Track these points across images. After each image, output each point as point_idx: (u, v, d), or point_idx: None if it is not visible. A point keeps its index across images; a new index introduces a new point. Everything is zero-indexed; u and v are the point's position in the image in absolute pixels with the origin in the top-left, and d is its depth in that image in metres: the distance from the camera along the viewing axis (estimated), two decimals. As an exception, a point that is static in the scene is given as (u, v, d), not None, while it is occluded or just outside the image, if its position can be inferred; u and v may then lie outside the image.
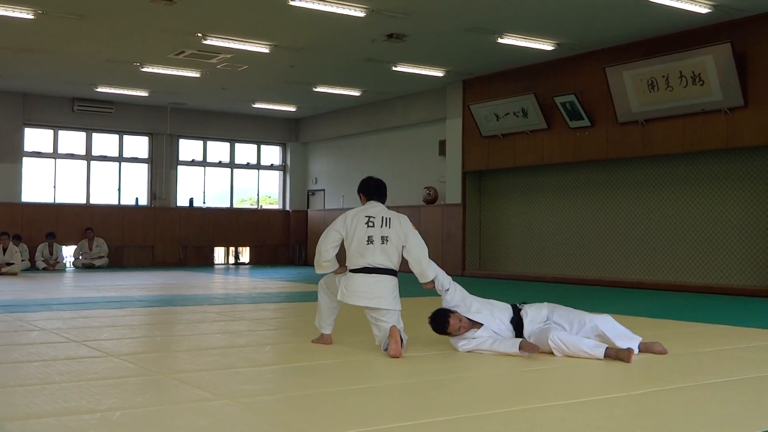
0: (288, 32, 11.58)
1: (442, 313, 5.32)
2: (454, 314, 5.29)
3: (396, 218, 5.51)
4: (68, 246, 17.27)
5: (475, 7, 10.28)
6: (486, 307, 5.40)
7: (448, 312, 5.31)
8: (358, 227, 5.40)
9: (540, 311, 5.37)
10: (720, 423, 3.45)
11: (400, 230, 5.45)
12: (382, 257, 5.38)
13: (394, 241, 5.42)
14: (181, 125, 18.71)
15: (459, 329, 5.26)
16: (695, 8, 10.06)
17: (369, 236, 5.37)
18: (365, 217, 5.43)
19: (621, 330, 5.21)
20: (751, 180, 11.00)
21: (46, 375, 4.40)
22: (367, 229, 5.39)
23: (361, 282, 5.35)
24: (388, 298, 5.37)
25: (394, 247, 5.42)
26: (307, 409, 3.67)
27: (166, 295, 10.37)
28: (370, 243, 5.37)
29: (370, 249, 5.36)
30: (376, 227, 5.39)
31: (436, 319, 5.34)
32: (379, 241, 5.37)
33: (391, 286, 5.43)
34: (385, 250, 5.39)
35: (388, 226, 5.42)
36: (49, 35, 11.82)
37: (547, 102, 13.10)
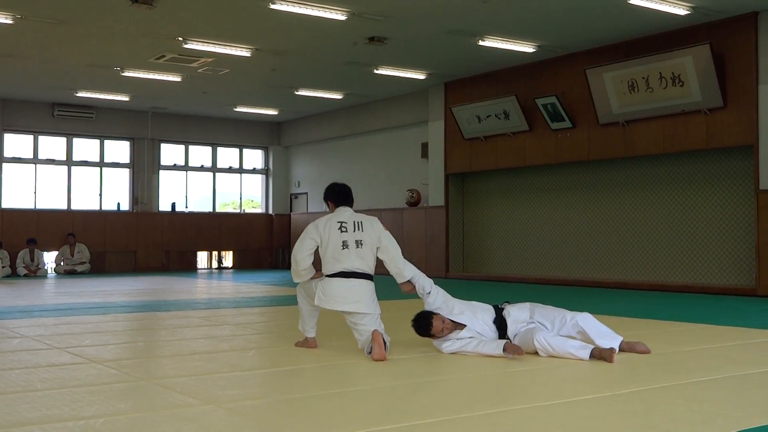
0: (269, 36, 11.56)
1: (425, 315, 5.34)
2: (437, 316, 5.31)
3: (367, 221, 5.58)
4: (50, 252, 17.15)
5: (455, 10, 10.31)
6: (468, 308, 5.42)
7: (431, 314, 5.33)
8: (331, 233, 5.44)
9: (523, 311, 5.40)
10: (702, 421, 3.48)
11: (373, 232, 5.51)
12: (357, 261, 5.41)
13: (369, 244, 5.46)
14: (163, 130, 18.64)
15: (442, 331, 5.27)
16: (674, 10, 10.14)
17: (343, 241, 5.42)
18: (337, 223, 5.49)
19: (602, 328, 5.25)
20: (731, 180, 11.09)
21: (28, 382, 4.37)
22: (341, 234, 5.43)
23: (338, 287, 5.37)
24: (366, 302, 5.39)
25: (369, 250, 5.46)
26: (292, 414, 3.66)
27: (149, 300, 10.31)
28: (345, 248, 5.40)
29: (346, 254, 5.39)
30: (350, 232, 5.45)
31: (419, 321, 5.36)
32: (354, 245, 5.42)
33: (368, 290, 5.44)
34: (360, 254, 5.42)
35: (361, 230, 5.48)
36: (29, 40, 11.74)
37: (529, 104, 13.16)
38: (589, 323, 5.24)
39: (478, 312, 5.40)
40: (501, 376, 4.63)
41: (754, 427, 3.32)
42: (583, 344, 5.07)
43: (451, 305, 5.40)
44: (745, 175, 10.89)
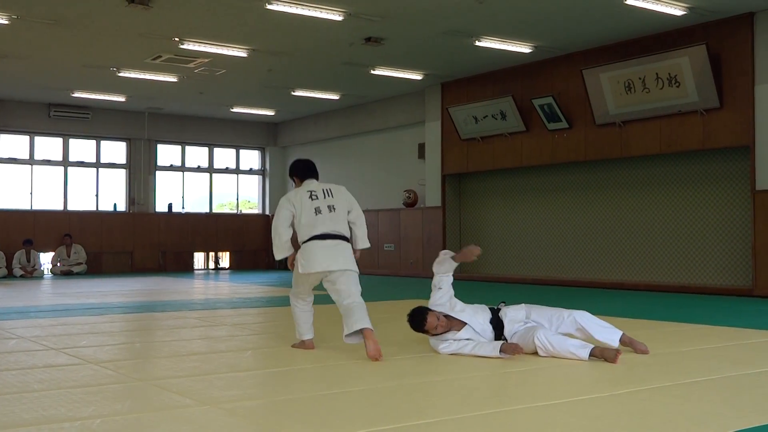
0: (266, 36, 11.56)
1: (420, 311, 5.35)
2: (432, 312, 5.32)
3: (336, 188, 5.76)
4: (46, 253, 17.12)
5: (452, 11, 10.31)
6: (468, 307, 5.44)
7: (426, 310, 5.34)
8: (303, 202, 5.59)
9: (519, 311, 5.42)
10: (699, 422, 3.48)
11: (342, 197, 5.69)
12: (331, 224, 5.56)
13: (341, 208, 5.64)
14: (159, 130, 18.62)
15: (436, 327, 5.28)
16: (671, 11, 10.15)
17: (316, 208, 5.58)
18: (307, 192, 5.64)
19: (601, 323, 5.28)
20: (727, 180, 11.11)
21: (25, 383, 4.36)
22: (312, 202, 5.59)
23: (317, 248, 5.50)
24: (346, 260, 5.54)
25: (342, 214, 5.64)
26: (289, 414, 3.66)
27: (146, 301, 10.30)
28: (318, 213, 5.57)
29: (320, 219, 5.55)
30: (320, 199, 5.61)
31: (414, 316, 5.36)
32: (327, 210, 5.59)
33: (347, 249, 5.61)
34: (333, 218, 5.59)
35: (331, 196, 5.65)
36: (25, 40, 11.72)
37: (525, 104, 13.17)
38: (587, 319, 5.26)
39: (478, 312, 5.42)
40: (498, 376, 4.63)
41: (751, 427, 3.33)
42: (583, 343, 5.08)
43: (453, 303, 5.44)
44: (742, 176, 10.90)
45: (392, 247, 16.18)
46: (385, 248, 16.35)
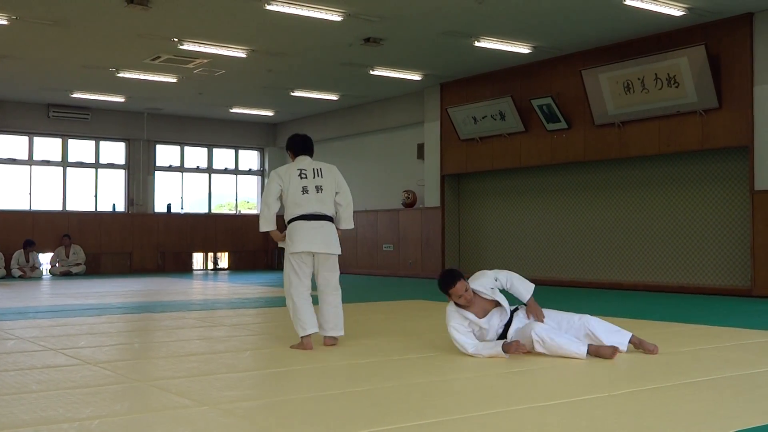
0: (265, 37, 11.56)
1: (453, 274, 5.24)
2: (463, 281, 5.20)
3: (326, 168, 5.85)
4: (45, 253, 17.11)
5: (451, 11, 10.31)
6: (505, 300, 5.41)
7: (459, 275, 5.22)
8: (292, 180, 5.72)
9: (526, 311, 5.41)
10: (698, 422, 3.48)
11: (332, 178, 5.78)
12: (318, 205, 5.71)
13: (329, 189, 5.74)
14: (158, 131, 18.61)
15: (460, 297, 5.19)
16: (670, 11, 10.16)
17: (303, 187, 5.71)
18: (297, 170, 5.77)
19: (610, 327, 5.26)
20: (726, 181, 11.11)
21: (23, 384, 4.36)
22: (301, 180, 5.72)
23: (304, 228, 5.69)
24: (329, 243, 5.74)
25: (329, 195, 5.75)
26: (287, 415, 3.66)
27: (145, 301, 10.30)
28: (305, 193, 5.71)
29: (306, 198, 5.70)
30: (309, 178, 5.74)
31: (446, 276, 5.25)
32: (314, 191, 5.73)
33: (332, 231, 5.80)
34: (320, 199, 5.72)
35: (320, 176, 5.77)
36: (24, 41, 11.72)
37: (524, 105, 13.17)
38: (596, 324, 5.24)
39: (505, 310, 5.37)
40: (497, 376, 4.63)
41: (750, 427, 3.33)
42: (581, 340, 5.08)
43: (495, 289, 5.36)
44: (741, 176, 10.91)
45: (391, 248, 16.18)
46: (384, 249, 16.35)
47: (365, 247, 16.92)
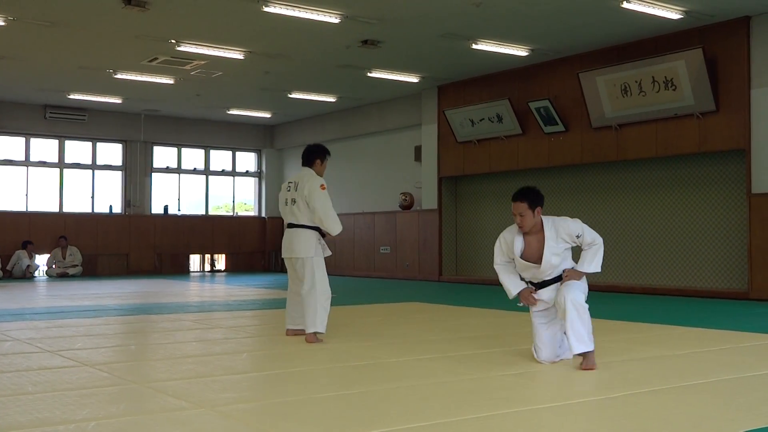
0: (262, 39, 11.55)
1: (524, 192, 5.20)
2: (526, 205, 5.11)
3: (301, 182, 6.29)
4: (41, 255, 17.10)
5: (449, 13, 10.32)
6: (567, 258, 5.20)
7: (528, 197, 5.14)
8: (282, 191, 6.49)
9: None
10: (695, 425, 3.48)
11: (302, 192, 6.23)
12: (290, 216, 6.32)
13: (299, 200, 6.25)
14: (156, 132, 18.60)
15: (515, 216, 5.13)
16: (667, 14, 10.17)
17: (285, 199, 6.41)
18: (287, 183, 6.46)
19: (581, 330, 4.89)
20: (723, 183, 11.12)
21: (20, 385, 4.35)
22: (286, 192, 6.41)
23: (284, 238, 6.41)
24: (294, 247, 6.23)
25: (301, 206, 6.24)
26: (284, 417, 3.65)
27: (141, 303, 10.28)
28: (286, 204, 6.38)
29: (288, 210, 6.35)
30: (291, 191, 6.35)
31: (522, 189, 5.23)
32: (291, 203, 6.33)
33: (299, 236, 6.24)
34: (292, 211, 6.30)
35: (295, 189, 6.31)
36: (21, 42, 11.71)
37: (522, 107, 13.18)
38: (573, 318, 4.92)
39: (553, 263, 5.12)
40: (495, 379, 4.62)
41: (747, 430, 3.33)
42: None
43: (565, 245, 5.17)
44: (738, 179, 10.92)
45: (388, 250, 16.17)
46: (381, 251, 16.34)
47: (362, 249, 16.91)
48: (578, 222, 5.18)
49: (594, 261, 5.18)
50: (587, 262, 5.16)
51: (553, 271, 5.13)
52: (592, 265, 5.16)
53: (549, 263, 5.08)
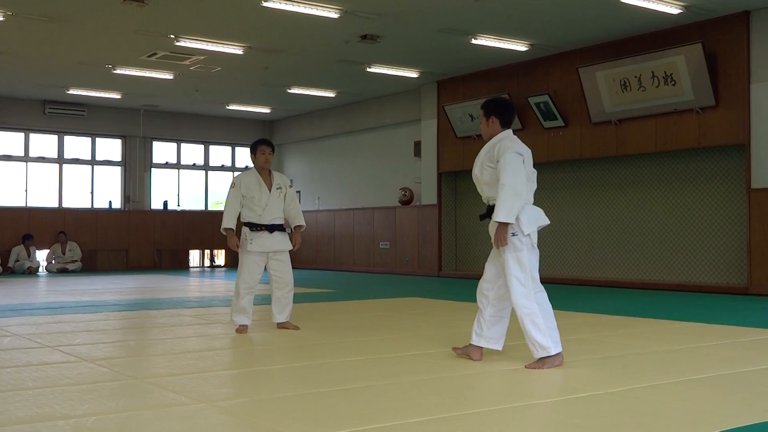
0: (262, 34, 11.54)
1: (498, 103, 5.06)
2: (495, 120, 4.98)
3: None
4: (41, 250, 17.09)
5: (448, 8, 10.31)
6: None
7: (499, 111, 5.00)
8: None
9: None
10: (693, 420, 3.48)
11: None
12: None
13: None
14: (155, 127, 18.59)
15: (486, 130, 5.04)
16: (667, 9, 10.16)
17: None
18: None
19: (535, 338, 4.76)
20: (723, 179, 11.12)
21: (19, 381, 4.35)
22: None
23: None
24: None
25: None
26: (284, 412, 3.65)
27: (141, 298, 10.29)
28: None
29: None
30: None
31: (493, 100, 5.11)
32: None
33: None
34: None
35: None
36: (19, 37, 11.69)
37: (521, 102, 13.16)
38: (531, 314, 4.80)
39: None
40: (493, 374, 4.63)
41: (745, 425, 3.33)
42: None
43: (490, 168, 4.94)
44: (737, 174, 10.92)
45: (388, 245, 16.18)
46: (381, 246, 16.35)
47: (362, 244, 16.91)
48: (512, 154, 4.79)
49: (502, 208, 4.72)
50: (497, 208, 4.76)
51: (486, 191, 5.00)
52: (501, 214, 4.73)
53: (475, 176, 5.04)
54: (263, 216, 6.58)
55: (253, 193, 6.59)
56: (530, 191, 4.96)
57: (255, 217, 6.58)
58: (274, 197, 6.64)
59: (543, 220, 4.96)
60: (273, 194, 6.64)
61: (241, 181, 6.66)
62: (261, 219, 6.58)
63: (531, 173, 4.96)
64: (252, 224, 6.58)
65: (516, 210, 4.74)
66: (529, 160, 4.92)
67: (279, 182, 6.77)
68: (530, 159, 4.95)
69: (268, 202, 6.60)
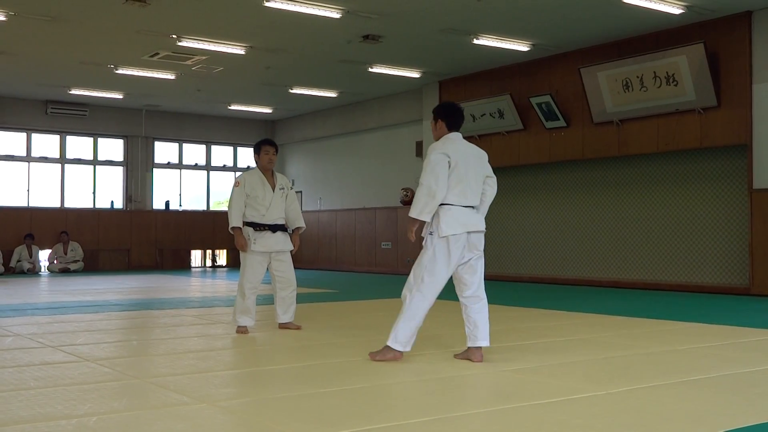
0: (263, 34, 11.54)
1: (445, 107, 5.22)
2: (441, 123, 5.14)
3: None
4: (43, 250, 17.11)
5: (450, 8, 10.30)
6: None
7: (444, 114, 5.16)
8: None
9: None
10: (695, 420, 3.48)
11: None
12: None
13: None
14: (157, 127, 18.60)
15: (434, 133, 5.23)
16: (668, 9, 10.15)
17: None
18: None
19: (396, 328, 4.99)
20: (725, 179, 11.11)
21: (21, 380, 4.35)
22: None
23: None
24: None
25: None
26: (286, 412, 3.65)
27: (143, 298, 10.29)
28: None
29: None
30: None
31: (442, 104, 5.26)
32: None
33: None
34: None
35: None
36: (21, 37, 11.70)
37: (523, 102, 13.16)
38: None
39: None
40: (494, 375, 4.63)
41: (747, 426, 3.33)
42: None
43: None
44: (739, 175, 10.91)
45: (389, 245, 16.18)
46: (383, 246, 16.35)
47: (363, 244, 16.91)
48: (435, 155, 4.99)
49: (414, 205, 4.96)
50: (412, 205, 4.98)
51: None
52: (412, 210, 4.94)
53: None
54: (266, 216, 6.59)
55: (257, 192, 6.59)
56: (469, 194, 5.02)
57: (258, 217, 6.59)
58: (277, 197, 6.65)
59: (474, 225, 5.03)
60: (276, 194, 6.65)
61: (246, 180, 6.66)
62: (264, 219, 6.59)
63: (478, 176, 5.05)
64: (255, 224, 6.58)
65: (428, 209, 4.91)
66: (464, 163, 4.97)
67: (281, 183, 6.78)
68: (469, 162, 5.01)
69: (271, 202, 6.61)
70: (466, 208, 4.95)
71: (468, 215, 4.94)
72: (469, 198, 4.96)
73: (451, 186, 4.91)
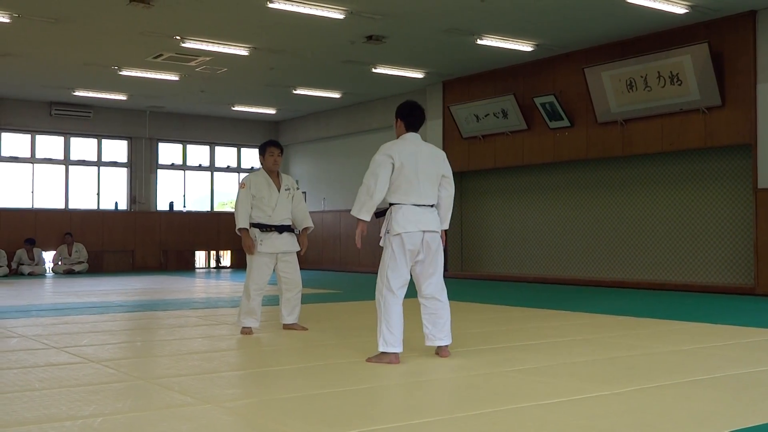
0: (267, 35, 11.55)
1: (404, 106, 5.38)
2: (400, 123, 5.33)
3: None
4: (47, 251, 17.14)
5: (454, 9, 10.30)
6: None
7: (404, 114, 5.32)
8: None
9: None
10: (700, 420, 3.47)
11: None
12: None
13: None
14: (161, 129, 18.62)
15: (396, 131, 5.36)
16: (673, 9, 10.14)
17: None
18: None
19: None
20: (729, 179, 11.10)
21: (26, 382, 4.36)
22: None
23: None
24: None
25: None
26: (290, 413, 3.65)
27: (147, 300, 10.30)
28: None
29: None
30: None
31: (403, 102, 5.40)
32: None
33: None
34: None
35: None
36: (26, 39, 11.72)
37: (527, 103, 13.15)
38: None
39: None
40: (500, 374, 4.62)
41: (751, 426, 3.32)
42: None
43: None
44: (744, 174, 10.89)
45: (393, 246, 16.15)
46: (387, 247, 16.32)
47: (367, 245, 16.83)
48: (379, 156, 5.09)
49: (354, 204, 5.10)
50: (355, 206, 5.09)
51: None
52: (354, 209, 5.08)
53: None
54: (273, 217, 6.59)
55: (263, 193, 6.60)
56: (419, 193, 5.02)
57: (264, 218, 6.59)
58: (283, 198, 6.65)
59: (426, 224, 5.01)
60: (282, 195, 6.66)
61: (251, 182, 6.66)
62: (270, 220, 6.59)
63: (431, 176, 5.09)
64: (262, 225, 6.58)
65: (366, 208, 4.99)
66: (412, 164, 5.02)
67: (287, 183, 6.78)
68: (420, 162, 5.05)
69: (277, 202, 6.61)
70: (419, 207, 5.01)
71: (420, 214, 5.01)
72: (419, 197, 5.03)
73: (398, 186, 4.99)
